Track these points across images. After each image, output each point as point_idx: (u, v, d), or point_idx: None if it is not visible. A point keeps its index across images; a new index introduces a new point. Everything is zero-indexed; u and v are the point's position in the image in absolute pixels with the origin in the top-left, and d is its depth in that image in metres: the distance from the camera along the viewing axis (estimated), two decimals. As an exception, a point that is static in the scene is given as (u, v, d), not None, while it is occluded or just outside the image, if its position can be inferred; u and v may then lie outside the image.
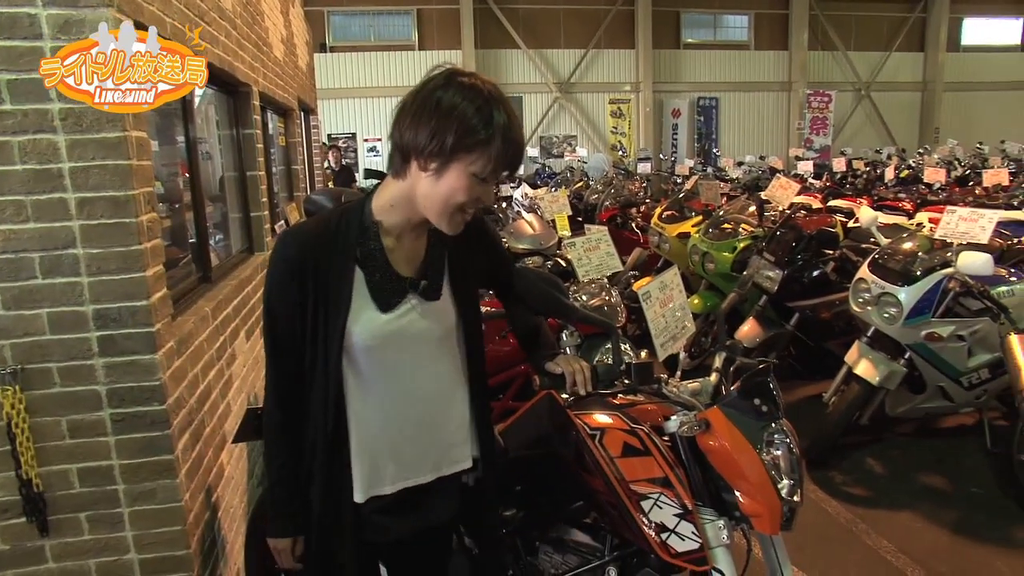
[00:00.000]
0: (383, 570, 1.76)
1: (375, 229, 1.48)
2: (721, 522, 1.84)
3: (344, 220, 1.49)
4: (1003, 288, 3.83)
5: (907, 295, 3.70)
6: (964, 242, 3.80)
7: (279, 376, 1.54)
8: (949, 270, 3.69)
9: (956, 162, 12.34)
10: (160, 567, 2.13)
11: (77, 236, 1.92)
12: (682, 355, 2.22)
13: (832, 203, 7.24)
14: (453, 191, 1.38)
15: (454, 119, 1.34)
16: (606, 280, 3.82)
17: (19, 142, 1.84)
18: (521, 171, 13.45)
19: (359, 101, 16.54)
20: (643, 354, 2.27)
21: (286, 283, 1.46)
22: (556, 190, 7.82)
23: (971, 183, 9.48)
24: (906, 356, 3.82)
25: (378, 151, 16.58)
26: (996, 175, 8.30)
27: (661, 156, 16.83)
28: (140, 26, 1.96)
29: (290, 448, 1.55)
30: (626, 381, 1.97)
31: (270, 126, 4.93)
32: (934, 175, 8.70)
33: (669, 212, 6.60)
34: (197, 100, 3.13)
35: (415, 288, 1.51)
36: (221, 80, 3.39)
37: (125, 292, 1.97)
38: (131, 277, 1.97)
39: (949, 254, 3.76)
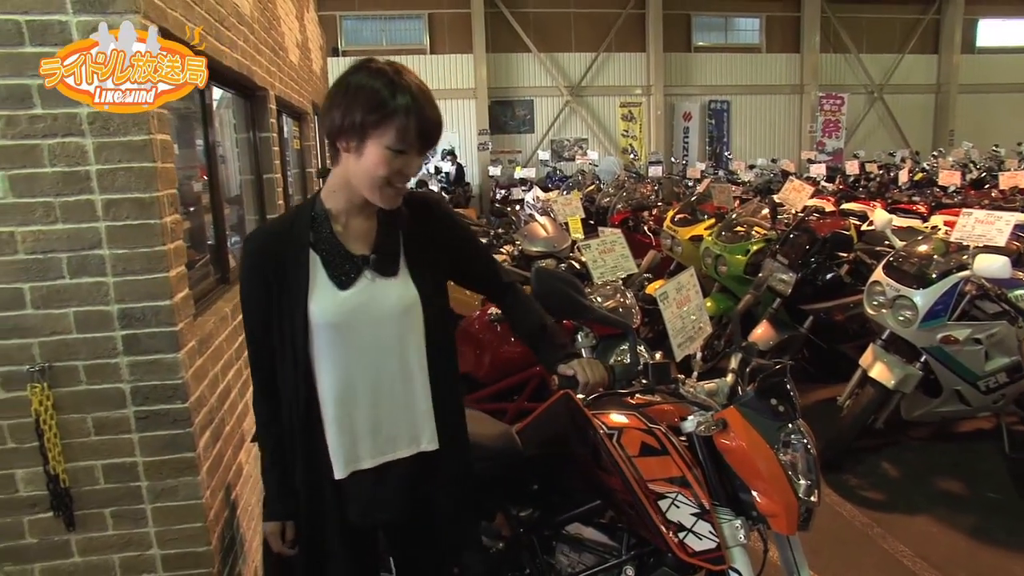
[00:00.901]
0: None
1: (323, 215, 1.59)
2: (738, 522, 1.85)
3: (298, 213, 1.62)
4: (1020, 291, 3.81)
5: (922, 298, 3.69)
6: (980, 245, 3.78)
7: (259, 367, 1.64)
8: (965, 273, 3.67)
9: (971, 165, 12.26)
10: (181, 563, 2.17)
11: (103, 237, 1.96)
12: (697, 355, 2.23)
13: (845, 206, 7.21)
14: (374, 166, 1.47)
15: (361, 97, 1.44)
16: (620, 282, 3.83)
17: (49, 145, 1.88)
18: (533, 174, 13.51)
19: (371, 105, 16.54)
20: (658, 356, 2.27)
21: (251, 279, 1.58)
22: (568, 193, 7.82)
23: (987, 186, 9.41)
24: (922, 359, 3.81)
25: (390, 154, 16.62)
26: (1013, 177, 8.23)
27: (672, 159, 16.78)
28: (166, 31, 2.00)
29: (277, 436, 1.64)
30: (643, 381, 1.98)
31: (285, 129, 4.97)
32: (949, 178, 8.65)
33: (681, 215, 6.60)
34: (215, 103, 3.17)
35: (367, 264, 1.58)
36: (239, 84, 3.43)
37: (149, 292, 2.01)
38: (155, 277, 2.01)
39: (965, 257, 3.74)
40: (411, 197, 1.67)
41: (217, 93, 3.19)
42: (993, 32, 19.74)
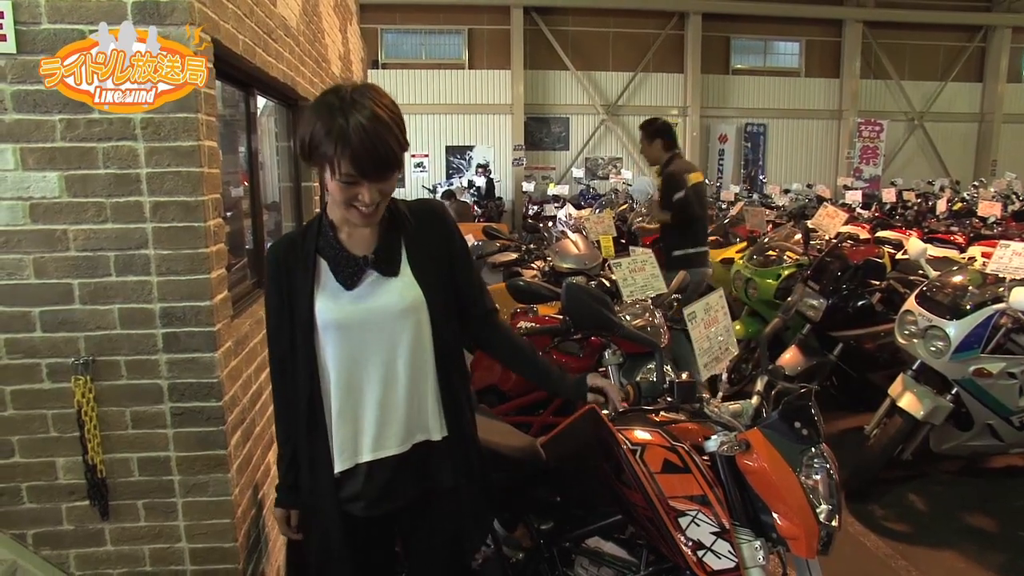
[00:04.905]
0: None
1: (329, 225, 1.73)
2: (758, 543, 1.85)
3: (310, 225, 1.77)
4: (1057, 326, 3.74)
5: (956, 329, 3.65)
6: (1018, 277, 3.73)
7: (279, 369, 1.79)
8: (1001, 305, 3.62)
9: (1014, 196, 12.02)
10: (208, 557, 2.22)
11: (150, 237, 2.03)
12: (723, 377, 2.24)
13: (880, 234, 7.14)
14: (333, 192, 1.59)
15: (307, 134, 1.54)
16: (650, 301, 3.83)
17: (103, 148, 1.96)
18: (566, 191, 13.54)
19: (409, 117, 16.22)
20: (684, 376, 2.28)
21: (270, 287, 1.76)
22: (601, 211, 7.85)
23: (1028, 218, 9.23)
24: (953, 391, 3.75)
25: (424, 167, 16.73)
26: (1056, 210, 8.07)
27: (707, 181, 16.73)
28: (218, 43, 2.08)
29: (288, 431, 1.82)
30: (668, 399, 1.99)
31: (325, 139, 5.06)
32: (989, 209, 8.48)
33: (713, 237, 6.59)
34: (259, 112, 3.27)
35: (368, 263, 1.69)
36: (282, 94, 3.53)
37: (190, 292, 2.08)
38: (197, 279, 2.08)
39: (1001, 289, 3.69)
40: (415, 205, 1.81)
41: (261, 102, 3.29)
42: (1040, 62, 19.38)
